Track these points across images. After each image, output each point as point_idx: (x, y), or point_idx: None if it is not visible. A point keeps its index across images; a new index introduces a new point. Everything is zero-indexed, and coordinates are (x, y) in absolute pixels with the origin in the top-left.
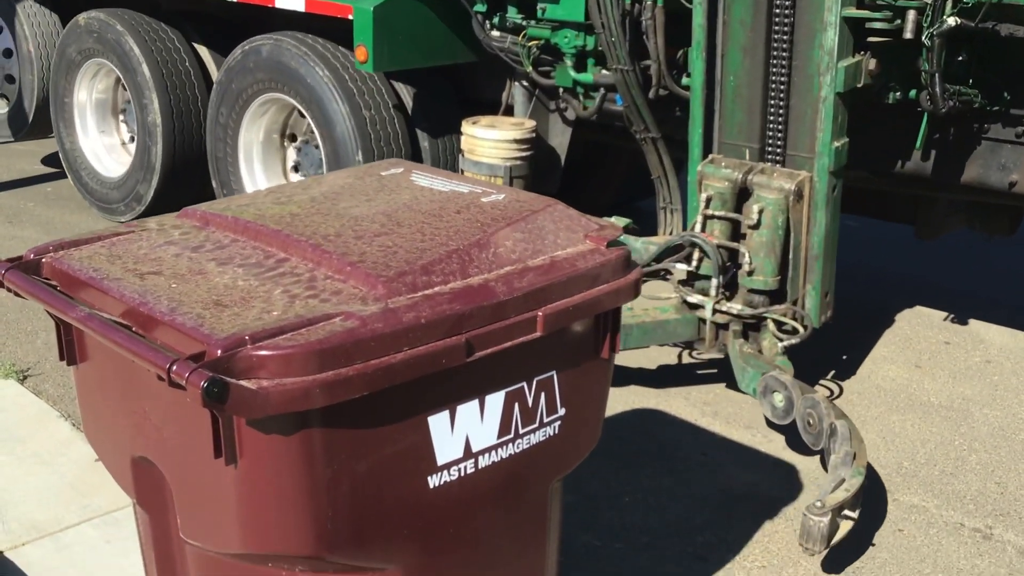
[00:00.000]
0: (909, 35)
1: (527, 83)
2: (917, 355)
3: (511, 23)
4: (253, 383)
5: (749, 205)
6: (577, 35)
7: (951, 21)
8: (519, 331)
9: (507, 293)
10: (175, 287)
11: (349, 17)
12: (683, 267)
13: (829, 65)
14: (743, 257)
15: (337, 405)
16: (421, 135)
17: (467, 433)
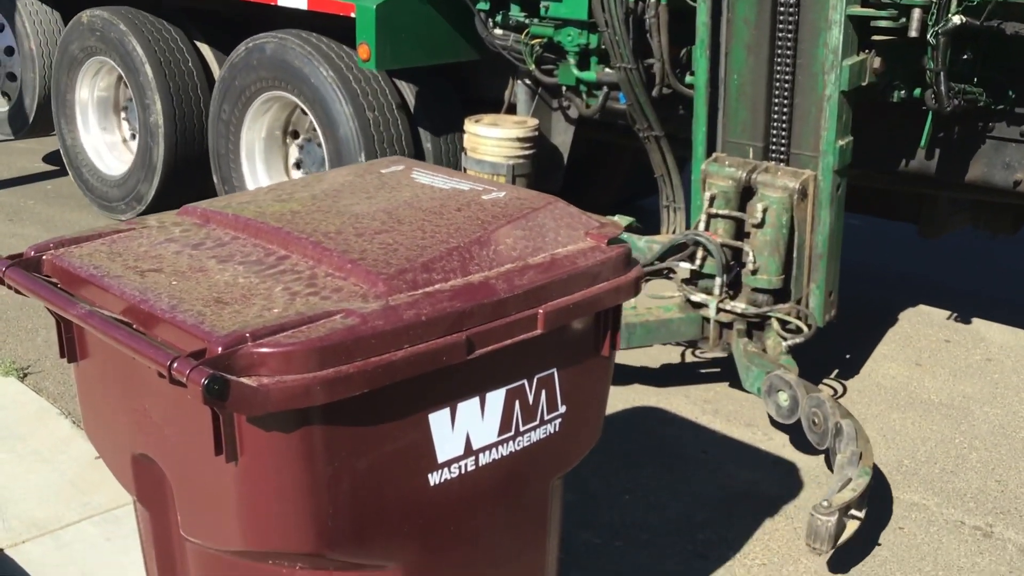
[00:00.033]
0: (914, 33)
1: (530, 81)
2: (918, 353)
3: (514, 21)
4: (254, 380)
5: (753, 204)
6: (580, 33)
7: (956, 19)
8: (520, 329)
9: (508, 291)
10: (176, 284)
11: (352, 15)
12: (687, 266)
13: (834, 63)
14: (747, 256)
15: (338, 402)
16: (424, 135)
17: (468, 431)
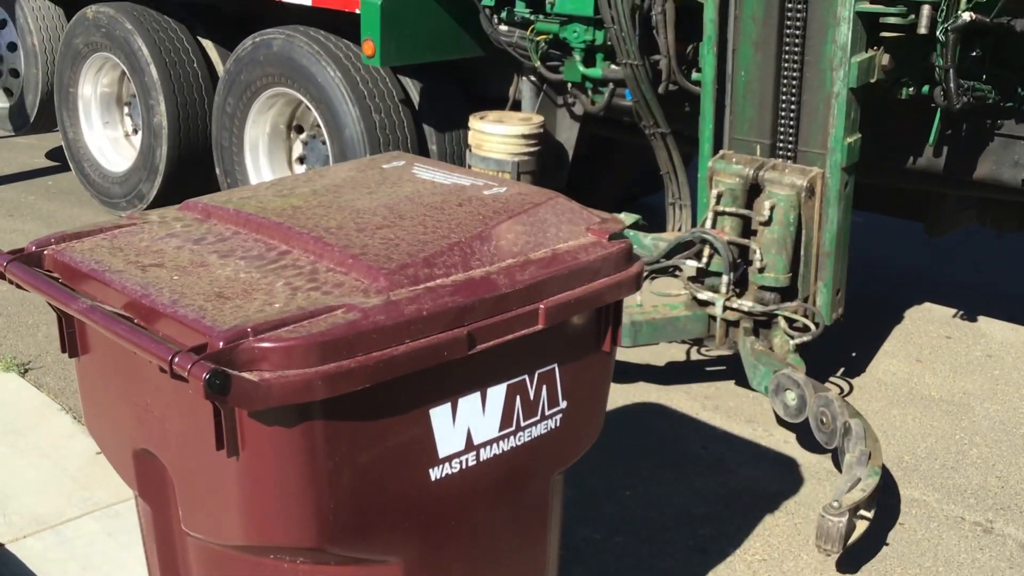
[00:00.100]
0: (923, 30)
1: (535, 78)
2: (918, 349)
3: (519, 17)
4: (255, 375)
5: (760, 201)
6: (586, 29)
7: (966, 16)
8: (521, 324)
9: (509, 286)
10: (177, 279)
11: (356, 11)
12: (693, 264)
13: (842, 60)
14: (754, 254)
15: (339, 397)
16: (429, 132)
17: (469, 426)
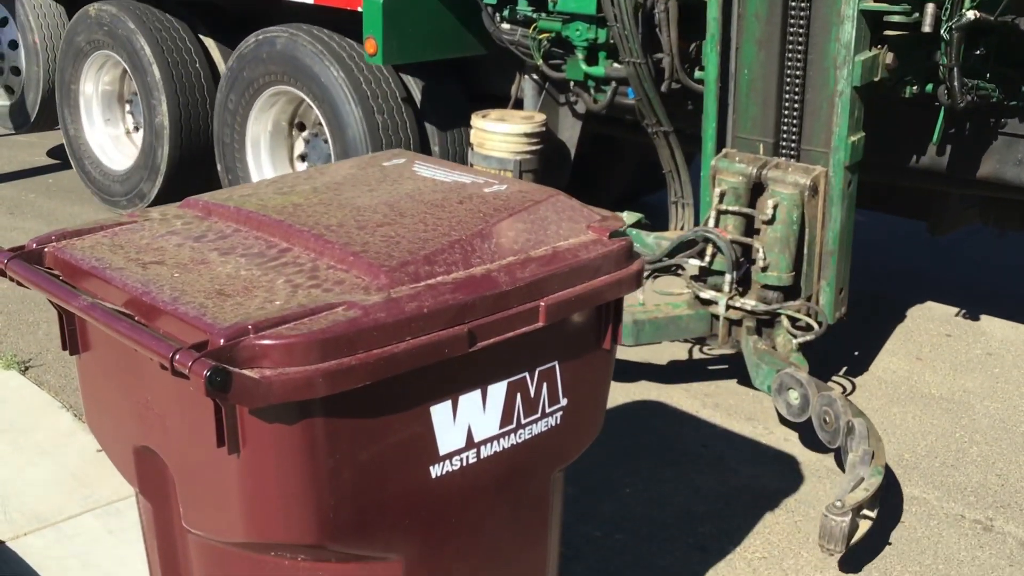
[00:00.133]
0: (927, 28)
1: (537, 76)
2: (918, 347)
3: (521, 16)
4: (256, 372)
5: (763, 200)
6: (589, 28)
7: (970, 15)
8: (521, 321)
9: (509, 283)
10: (178, 277)
11: (358, 9)
12: (696, 262)
13: (846, 59)
14: (757, 253)
15: (340, 394)
16: (431, 130)
17: (469, 423)
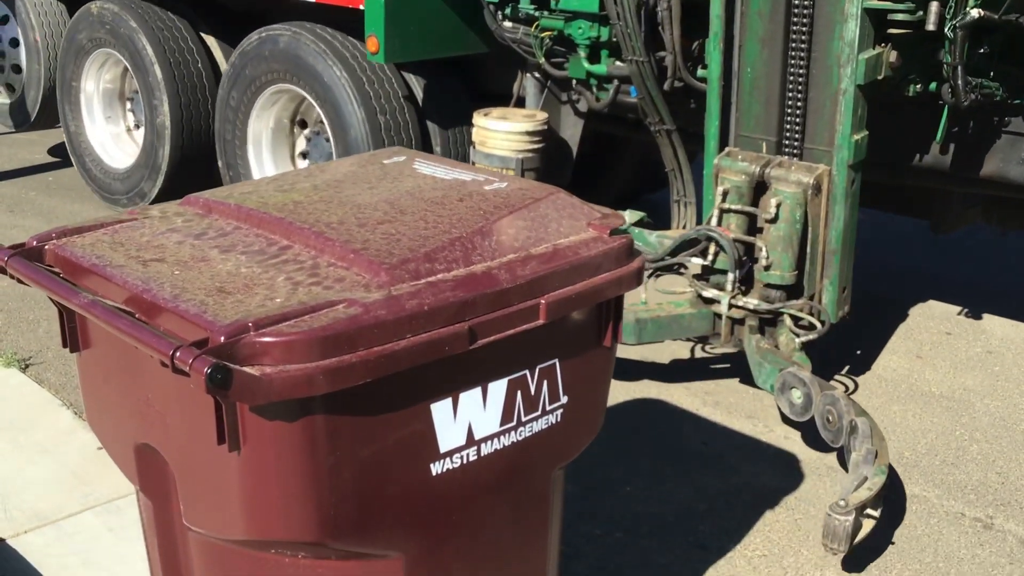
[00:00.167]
0: (931, 27)
1: (539, 75)
2: (918, 345)
3: (523, 14)
4: (256, 369)
5: (766, 199)
6: (591, 26)
7: (974, 13)
8: (522, 319)
9: (510, 281)
10: (178, 274)
11: (360, 7)
12: (698, 261)
13: (849, 57)
14: (760, 251)
15: (340, 392)
16: (433, 128)
17: (469, 420)
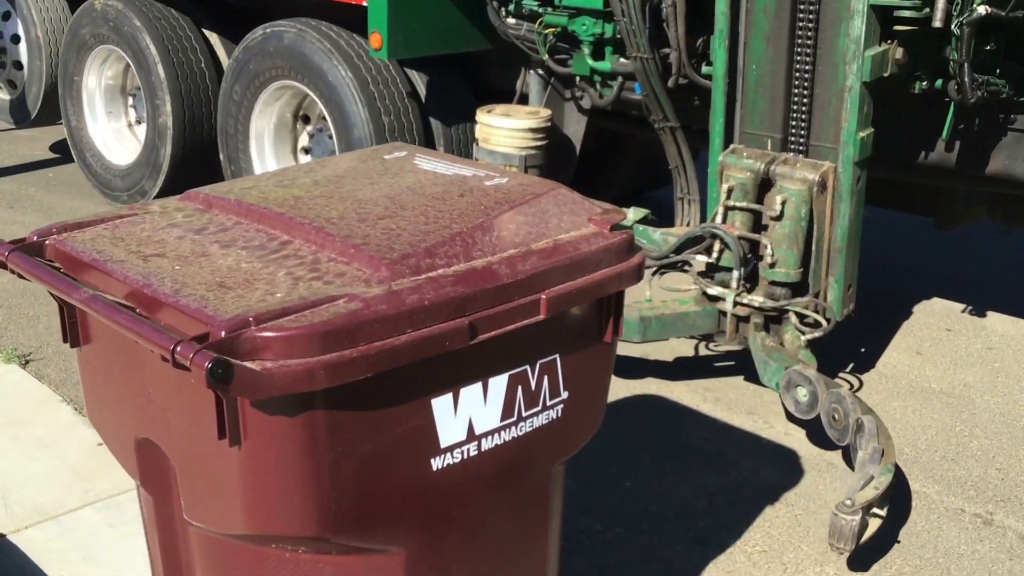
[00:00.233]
0: (938, 23)
1: (543, 71)
2: (918, 342)
3: (527, 10)
4: (257, 364)
5: (772, 196)
6: (595, 22)
7: (981, 10)
8: (522, 314)
9: (510, 276)
10: (179, 269)
11: (364, 3)
12: (703, 259)
13: (855, 54)
14: (765, 249)
15: (341, 387)
16: (436, 125)
17: (470, 416)
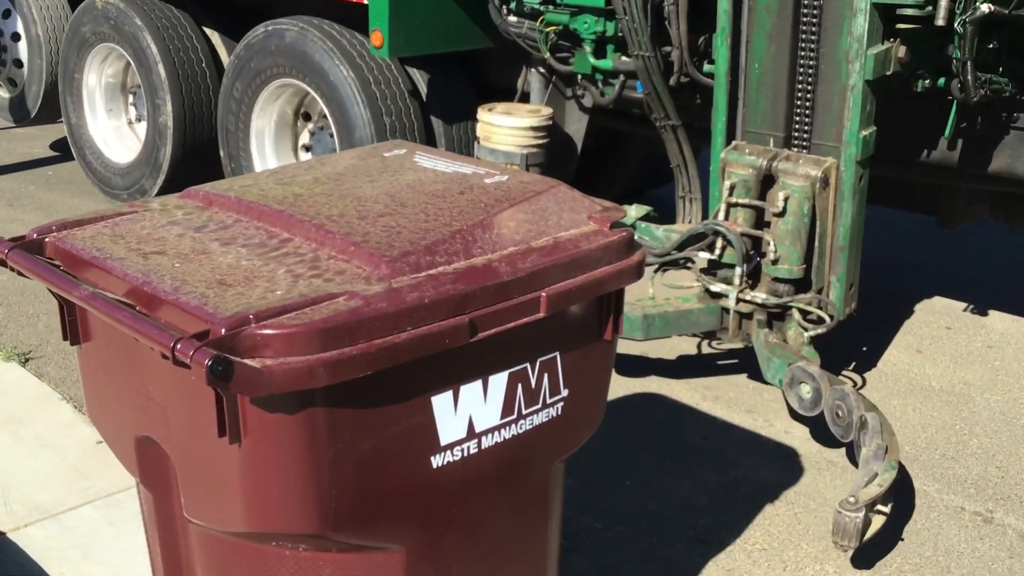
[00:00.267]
0: (941, 22)
1: (544, 70)
2: (918, 340)
3: (528, 8)
4: (257, 362)
5: (774, 192)
6: (597, 21)
7: (984, 8)
8: (522, 312)
9: (510, 273)
10: (179, 267)
11: (365, 1)
12: (706, 256)
13: (858, 52)
14: (767, 245)
15: (341, 384)
16: (437, 123)
17: (470, 413)
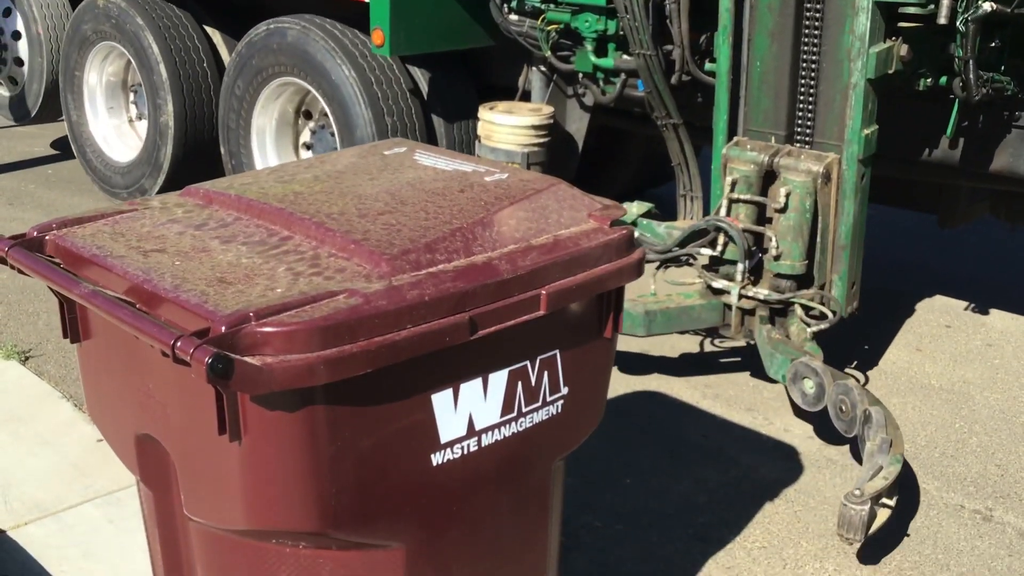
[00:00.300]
0: (943, 20)
1: (545, 68)
2: (918, 338)
3: (529, 7)
4: (257, 359)
5: (776, 188)
6: (598, 19)
7: (986, 6)
8: (522, 309)
9: (510, 271)
10: (179, 264)
11: (366, 0)
12: (708, 252)
13: (860, 51)
14: (769, 241)
15: (341, 382)
16: (438, 122)
17: (470, 411)
